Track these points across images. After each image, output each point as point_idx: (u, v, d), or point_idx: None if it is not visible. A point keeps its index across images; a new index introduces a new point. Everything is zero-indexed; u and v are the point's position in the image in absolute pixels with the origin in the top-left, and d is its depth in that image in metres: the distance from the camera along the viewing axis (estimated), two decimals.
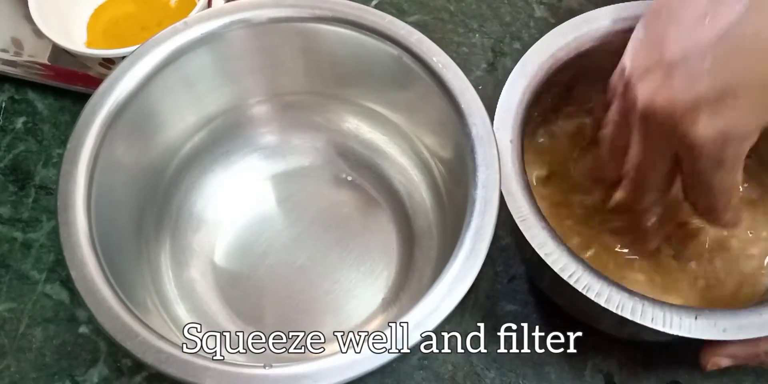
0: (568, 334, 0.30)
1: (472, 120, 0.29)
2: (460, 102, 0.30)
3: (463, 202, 0.29)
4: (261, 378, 0.24)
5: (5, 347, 0.34)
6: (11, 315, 0.35)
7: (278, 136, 0.38)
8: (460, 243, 0.27)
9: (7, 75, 0.41)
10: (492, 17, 0.44)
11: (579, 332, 0.30)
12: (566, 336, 0.30)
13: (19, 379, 0.34)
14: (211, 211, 0.36)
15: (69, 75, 0.41)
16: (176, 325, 0.31)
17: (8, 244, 0.37)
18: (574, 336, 0.32)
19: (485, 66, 0.42)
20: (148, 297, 0.30)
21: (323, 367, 0.24)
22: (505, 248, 0.36)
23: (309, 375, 0.24)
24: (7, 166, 0.39)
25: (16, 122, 0.40)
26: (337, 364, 0.24)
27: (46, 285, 0.36)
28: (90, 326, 0.34)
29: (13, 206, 0.38)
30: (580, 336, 0.30)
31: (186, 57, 0.32)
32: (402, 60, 0.31)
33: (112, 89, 0.30)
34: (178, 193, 0.35)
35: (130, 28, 0.43)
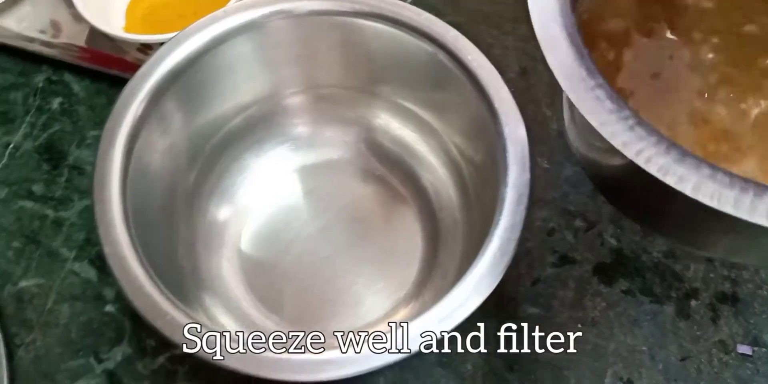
0: (568, 334, 0.30)
1: (505, 119, 0.29)
2: (494, 101, 0.30)
3: (491, 201, 0.29)
4: (285, 362, 0.24)
5: (32, 321, 0.35)
6: (39, 290, 0.36)
7: (310, 127, 0.38)
8: (488, 242, 0.27)
9: (45, 56, 0.42)
10: (526, 20, 0.43)
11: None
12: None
13: (44, 354, 0.34)
14: (241, 198, 0.36)
15: (105, 58, 0.41)
16: (202, 307, 0.31)
17: (39, 221, 0.37)
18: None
19: (517, 69, 0.42)
20: (177, 278, 0.31)
21: (350, 354, 0.24)
22: (529, 251, 0.36)
23: (334, 361, 0.24)
24: (41, 145, 0.40)
25: (52, 103, 0.41)
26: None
27: (75, 263, 0.36)
28: (116, 305, 0.35)
29: (46, 184, 0.38)
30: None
31: (225, 45, 0.32)
32: (437, 57, 0.31)
33: (151, 73, 0.31)
34: (209, 178, 0.35)
35: (167, 16, 0.43)
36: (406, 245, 0.35)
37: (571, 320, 0.34)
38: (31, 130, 0.40)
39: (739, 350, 0.34)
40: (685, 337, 0.34)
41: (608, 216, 0.37)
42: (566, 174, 0.38)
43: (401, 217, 0.36)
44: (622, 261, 0.36)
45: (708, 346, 0.34)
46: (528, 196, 0.28)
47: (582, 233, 0.37)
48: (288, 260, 0.35)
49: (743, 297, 0.35)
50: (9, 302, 0.35)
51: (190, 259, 0.33)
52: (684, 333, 0.34)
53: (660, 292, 0.35)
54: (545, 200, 0.37)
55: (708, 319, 0.35)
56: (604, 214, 0.37)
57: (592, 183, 0.32)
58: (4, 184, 0.38)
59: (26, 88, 0.41)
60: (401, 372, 0.33)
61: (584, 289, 0.35)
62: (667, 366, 0.34)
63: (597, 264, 0.36)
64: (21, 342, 0.34)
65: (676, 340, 0.34)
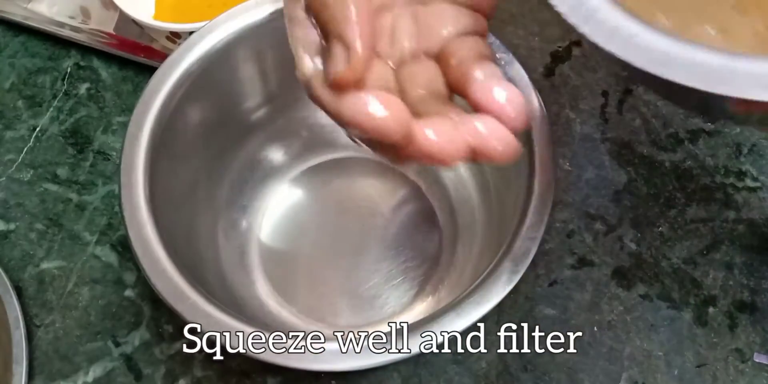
0: (569, 334, 0.30)
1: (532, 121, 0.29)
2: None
3: (511, 201, 0.29)
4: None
5: (52, 303, 0.35)
6: (60, 273, 0.36)
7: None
8: (509, 241, 0.27)
9: (73, 41, 0.42)
10: (554, 22, 0.43)
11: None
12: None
13: (63, 335, 0.34)
14: (261, 189, 0.37)
15: (132, 45, 0.42)
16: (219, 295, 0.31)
17: (63, 204, 0.38)
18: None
19: (542, 70, 0.42)
20: (197, 264, 0.31)
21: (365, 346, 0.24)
22: (548, 252, 0.36)
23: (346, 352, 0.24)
24: (67, 129, 0.40)
25: (79, 88, 0.41)
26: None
27: (97, 247, 0.37)
28: (136, 290, 0.35)
29: (71, 168, 0.39)
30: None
31: (255, 34, 0.32)
32: None
33: (182, 60, 0.31)
34: (231, 168, 0.36)
35: (197, 5, 0.43)
36: (424, 242, 0.36)
37: (587, 323, 0.34)
38: (58, 114, 0.40)
39: (755, 359, 0.34)
40: (701, 344, 0.34)
41: (629, 220, 0.37)
42: (587, 176, 0.38)
43: (420, 213, 0.36)
44: (641, 265, 0.36)
45: (724, 354, 0.34)
46: (550, 198, 0.28)
47: (602, 236, 0.37)
48: (306, 253, 0.35)
49: (762, 306, 0.35)
50: (30, 283, 0.36)
51: (212, 245, 0.33)
52: (701, 340, 0.34)
53: (678, 298, 0.35)
54: (566, 202, 0.37)
55: (725, 327, 0.35)
56: (624, 218, 0.37)
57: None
58: (29, 166, 0.39)
59: (55, 73, 0.42)
60: (416, 368, 0.34)
61: (602, 292, 0.35)
62: (683, 372, 0.34)
63: (616, 267, 0.36)
64: (41, 323, 0.35)
65: (692, 347, 0.34)
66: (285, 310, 0.34)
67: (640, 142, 0.39)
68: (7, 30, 0.43)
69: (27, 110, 0.41)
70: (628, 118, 0.40)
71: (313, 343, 0.24)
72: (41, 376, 0.34)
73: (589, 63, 0.42)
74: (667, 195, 0.38)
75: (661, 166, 0.38)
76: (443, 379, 0.33)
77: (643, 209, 0.37)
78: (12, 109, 0.41)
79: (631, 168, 0.38)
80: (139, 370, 0.34)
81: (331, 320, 0.34)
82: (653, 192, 0.38)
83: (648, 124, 0.40)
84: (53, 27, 0.42)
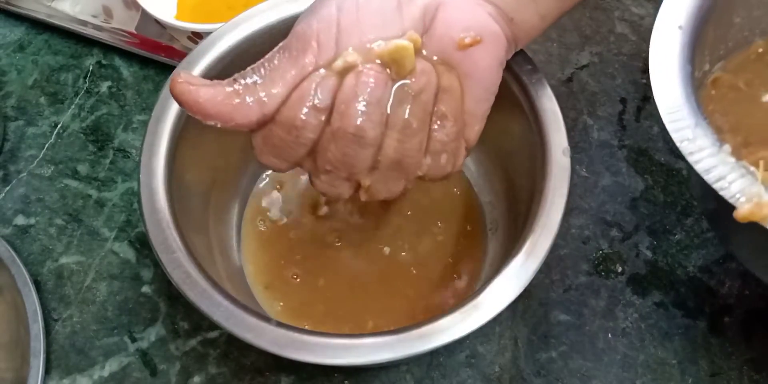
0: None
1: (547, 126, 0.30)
2: (538, 108, 0.30)
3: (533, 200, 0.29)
4: (323, 345, 0.25)
5: (70, 297, 0.36)
6: (79, 268, 0.36)
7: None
8: (518, 245, 0.27)
9: (95, 39, 0.43)
10: (572, 29, 0.44)
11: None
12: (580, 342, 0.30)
13: (80, 329, 0.35)
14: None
15: (153, 45, 0.42)
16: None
17: (83, 200, 0.38)
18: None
19: (560, 76, 0.42)
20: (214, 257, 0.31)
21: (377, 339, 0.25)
22: (563, 258, 0.36)
23: (390, 344, 0.25)
24: (88, 127, 0.41)
25: (101, 86, 0.42)
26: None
27: (115, 243, 0.37)
28: (153, 286, 0.36)
29: (91, 165, 0.39)
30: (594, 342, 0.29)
31: (272, 35, 0.33)
32: None
33: (200, 59, 0.31)
34: (250, 163, 0.36)
35: (217, 7, 0.44)
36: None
37: (601, 329, 0.34)
38: (80, 111, 0.41)
39: None
40: (716, 353, 0.34)
41: (645, 228, 0.37)
42: (604, 183, 0.38)
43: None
44: (657, 273, 0.36)
45: (739, 364, 0.34)
46: (565, 203, 0.28)
47: (618, 243, 0.37)
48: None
49: None
50: (49, 278, 0.36)
51: (228, 241, 0.33)
52: (715, 349, 0.34)
53: (693, 306, 0.35)
54: (582, 208, 0.37)
55: (740, 337, 0.34)
56: (640, 226, 0.37)
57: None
58: (50, 162, 0.39)
59: (77, 70, 0.42)
60: (428, 370, 0.34)
61: (616, 299, 0.35)
62: (697, 381, 0.33)
63: (631, 275, 0.36)
64: (58, 317, 0.35)
65: (707, 356, 0.34)
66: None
67: (658, 149, 0.39)
68: (31, 28, 0.44)
69: (49, 107, 0.41)
70: (645, 125, 0.40)
71: (325, 338, 0.25)
72: (58, 369, 0.34)
73: (608, 69, 0.42)
74: (683, 203, 0.38)
75: (678, 173, 0.38)
76: (456, 381, 0.33)
77: (659, 217, 0.37)
78: (34, 106, 0.41)
79: (648, 175, 0.38)
80: (154, 366, 0.34)
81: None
82: (670, 200, 0.38)
83: (666, 132, 0.39)
84: (76, 25, 0.43)
